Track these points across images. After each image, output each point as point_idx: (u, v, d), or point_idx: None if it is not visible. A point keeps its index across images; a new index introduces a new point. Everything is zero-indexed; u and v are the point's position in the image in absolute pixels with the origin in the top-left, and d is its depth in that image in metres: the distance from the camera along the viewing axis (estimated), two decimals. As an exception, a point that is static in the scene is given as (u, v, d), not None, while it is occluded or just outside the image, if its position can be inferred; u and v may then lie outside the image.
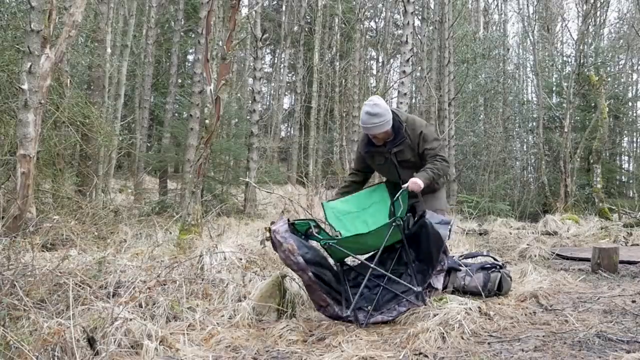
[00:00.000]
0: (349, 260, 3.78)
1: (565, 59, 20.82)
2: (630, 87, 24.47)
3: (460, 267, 4.43)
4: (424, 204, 3.86)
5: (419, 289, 3.41)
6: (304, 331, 3.31)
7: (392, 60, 22.41)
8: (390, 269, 3.62)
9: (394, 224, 3.40)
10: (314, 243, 3.57)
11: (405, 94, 9.13)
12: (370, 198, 3.87)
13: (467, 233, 8.81)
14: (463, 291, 4.26)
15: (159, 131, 15.84)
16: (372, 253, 3.75)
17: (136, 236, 6.31)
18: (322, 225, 3.74)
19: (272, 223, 3.46)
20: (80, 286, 3.41)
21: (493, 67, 20.47)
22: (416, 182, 3.61)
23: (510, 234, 10.26)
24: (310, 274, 3.35)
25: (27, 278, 3.32)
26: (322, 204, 3.86)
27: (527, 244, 7.29)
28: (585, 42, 17.77)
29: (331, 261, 3.67)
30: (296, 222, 3.52)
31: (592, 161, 15.48)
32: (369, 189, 3.94)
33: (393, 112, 3.80)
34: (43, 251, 4.73)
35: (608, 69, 19.53)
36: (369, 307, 3.46)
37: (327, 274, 3.49)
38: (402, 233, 3.47)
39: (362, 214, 3.81)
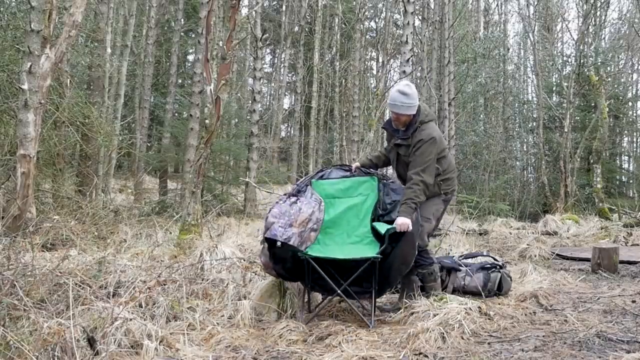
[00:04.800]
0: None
1: (565, 59, 20.79)
2: (630, 87, 24.43)
3: (460, 267, 4.43)
4: None
5: (371, 326, 3.43)
6: (304, 331, 3.31)
7: (392, 60, 22.39)
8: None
9: (372, 259, 3.45)
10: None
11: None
12: (359, 188, 3.96)
13: (467, 233, 8.81)
14: (463, 291, 4.26)
15: (159, 131, 15.82)
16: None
17: (136, 236, 6.31)
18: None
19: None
20: (80, 286, 3.40)
21: (493, 67, 20.44)
22: (404, 224, 3.61)
23: (510, 234, 10.26)
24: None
25: (27, 278, 3.32)
26: (311, 181, 3.94)
27: (527, 244, 7.29)
28: (585, 42, 17.75)
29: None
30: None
31: (592, 161, 15.48)
32: (360, 178, 3.98)
33: (421, 107, 3.87)
34: (43, 251, 4.72)
35: (608, 69, 19.46)
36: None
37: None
38: (376, 269, 3.51)
39: (346, 201, 3.92)
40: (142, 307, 3.28)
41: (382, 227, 3.62)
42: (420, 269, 3.89)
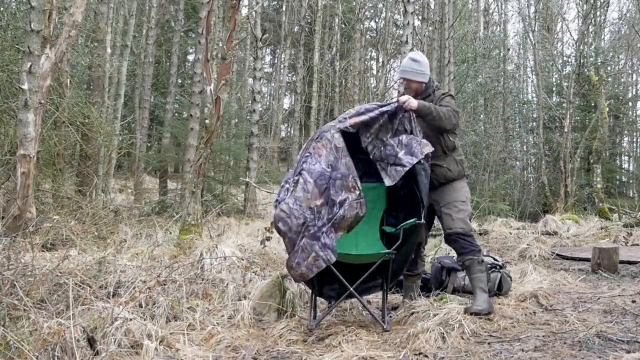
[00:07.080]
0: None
1: (565, 59, 20.80)
2: (630, 87, 24.44)
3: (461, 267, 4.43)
4: (442, 195, 3.79)
5: (387, 327, 3.36)
6: (304, 331, 3.31)
7: (392, 60, 22.39)
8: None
9: (386, 255, 3.42)
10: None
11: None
12: (367, 195, 3.87)
13: (467, 233, 8.78)
14: (463, 291, 4.26)
15: (159, 131, 15.82)
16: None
17: (136, 236, 6.31)
18: None
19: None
20: (80, 286, 3.40)
21: (493, 67, 20.44)
22: (408, 100, 3.53)
23: (510, 234, 10.25)
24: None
25: (27, 278, 3.32)
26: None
27: (527, 244, 7.29)
28: (585, 42, 17.75)
29: None
30: None
31: (592, 161, 15.48)
32: (369, 185, 3.89)
33: (431, 79, 3.93)
34: (43, 251, 4.71)
35: (608, 69, 19.46)
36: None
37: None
38: (390, 266, 3.48)
39: None
40: (142, 307, 3.28)
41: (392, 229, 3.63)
42: (471, 255, 3.65)
